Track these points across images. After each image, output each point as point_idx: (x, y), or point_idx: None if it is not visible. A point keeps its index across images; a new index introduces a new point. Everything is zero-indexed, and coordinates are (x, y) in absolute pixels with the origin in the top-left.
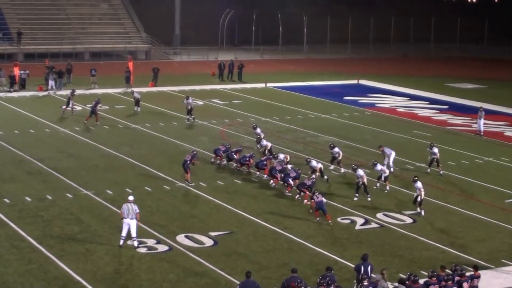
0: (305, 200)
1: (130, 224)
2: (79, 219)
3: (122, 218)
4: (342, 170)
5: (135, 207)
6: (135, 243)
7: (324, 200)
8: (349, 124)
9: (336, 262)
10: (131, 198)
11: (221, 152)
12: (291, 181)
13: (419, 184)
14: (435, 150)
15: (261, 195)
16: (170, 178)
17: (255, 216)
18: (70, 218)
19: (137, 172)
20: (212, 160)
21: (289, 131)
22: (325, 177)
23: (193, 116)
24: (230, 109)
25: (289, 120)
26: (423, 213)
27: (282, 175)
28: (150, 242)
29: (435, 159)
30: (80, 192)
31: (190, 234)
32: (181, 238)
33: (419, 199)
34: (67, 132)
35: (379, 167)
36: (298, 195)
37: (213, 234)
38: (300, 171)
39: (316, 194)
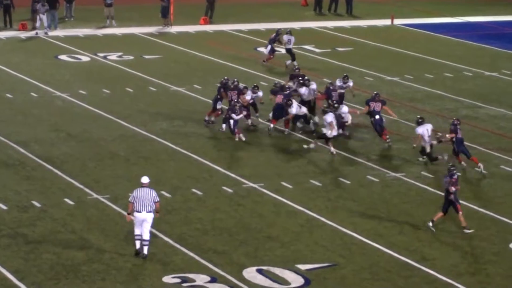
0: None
1: (147, 220)
2: (84, 240)
3: (130, 213)
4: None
5: (153, 193)
6: (145, 250)
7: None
8: None
9: None
10: (145, 180)
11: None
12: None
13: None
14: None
15: (382, 204)
16: (233, 175)
17: (373, 238)
18: (70, 238)
19: (180, 165)
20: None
21: (431, 98)
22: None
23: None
24: (333, 62)
25: (431, 80)
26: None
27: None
28: (201, 279)
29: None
30: (87, 196)
31: (265, 267)
32: (251, 273)
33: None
34: (67, 98)
35: None
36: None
37: (303, 267)
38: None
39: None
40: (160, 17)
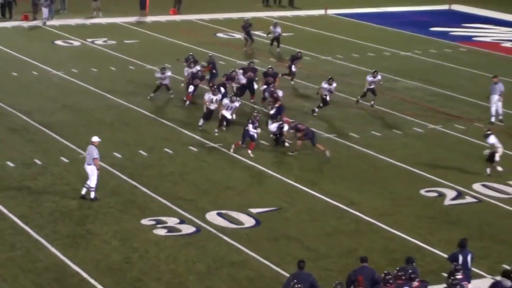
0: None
1: (88, 171)
2: (77, 190)
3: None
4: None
5: (95, 151)
6: (91, 195)
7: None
8: (437, 65)
9: (419, 249)
10: (94, 139)
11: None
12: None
13: (491, 139)
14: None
15: (317, 159)
16: (198, 137)
17: (312, 187)
18: (66, 189)
19: (155, 129)
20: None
21: (357, 74)
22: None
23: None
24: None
25: (357, 59)
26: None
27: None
28: (172, 221)
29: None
30: (79, 155)
31: (224, 211)
32: (212, 216)
33: (496, 157)
34: (62, 75)
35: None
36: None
37: (254, 211)
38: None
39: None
40: (138, 9)
